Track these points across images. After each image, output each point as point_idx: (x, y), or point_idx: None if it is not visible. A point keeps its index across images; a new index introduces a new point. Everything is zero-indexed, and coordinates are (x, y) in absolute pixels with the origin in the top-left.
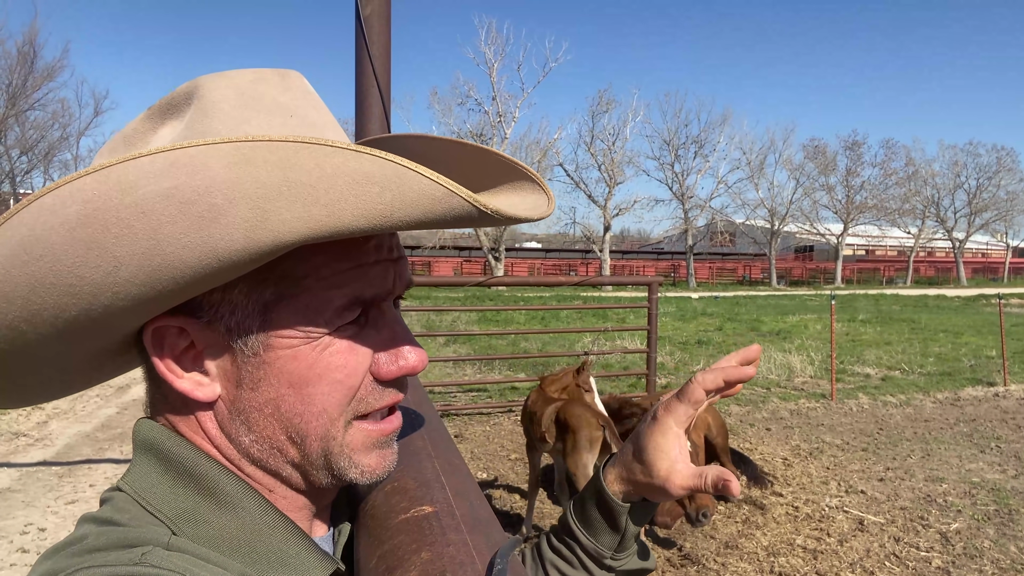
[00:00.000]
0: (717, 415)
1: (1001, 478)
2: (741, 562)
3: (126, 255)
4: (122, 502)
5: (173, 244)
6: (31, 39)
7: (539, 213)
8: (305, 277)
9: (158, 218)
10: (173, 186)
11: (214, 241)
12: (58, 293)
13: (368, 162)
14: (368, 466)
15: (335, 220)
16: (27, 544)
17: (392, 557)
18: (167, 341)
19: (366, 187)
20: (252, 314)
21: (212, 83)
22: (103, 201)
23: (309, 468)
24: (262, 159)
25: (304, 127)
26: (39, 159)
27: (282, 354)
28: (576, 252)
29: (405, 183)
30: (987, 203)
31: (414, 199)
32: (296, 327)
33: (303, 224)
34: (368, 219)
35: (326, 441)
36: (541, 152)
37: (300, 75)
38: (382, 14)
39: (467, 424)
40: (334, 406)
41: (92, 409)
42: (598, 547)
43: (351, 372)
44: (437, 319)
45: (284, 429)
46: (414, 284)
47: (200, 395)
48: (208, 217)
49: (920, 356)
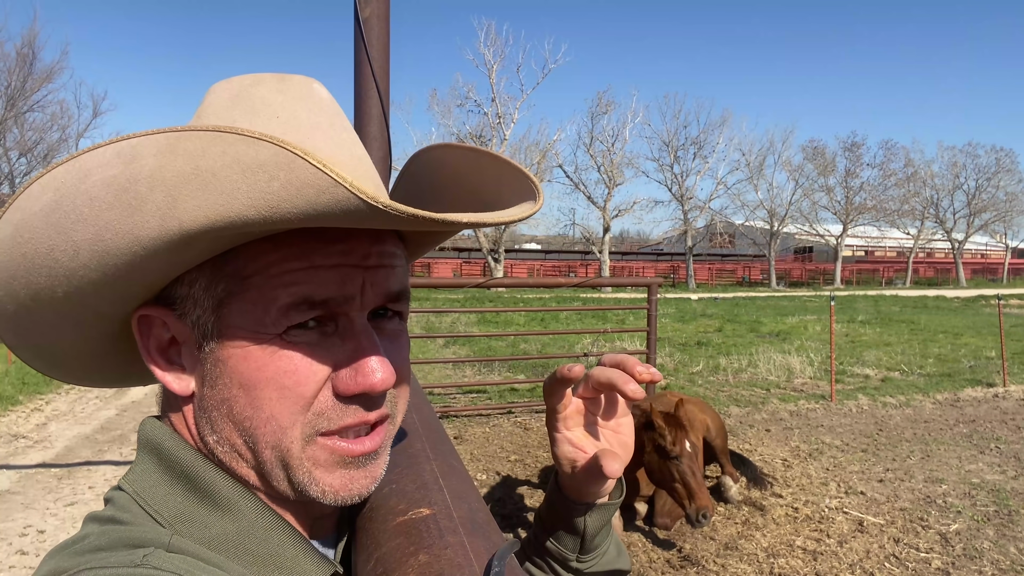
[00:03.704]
0: (716, 416)
1: (1001, 479)
2: (741, 563)
3: (81, 240)
4: (123, 501)
5: (110, 230)
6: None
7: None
8: (254, 275)
9: (100, 205)
10: (114, 175)
11: (137, 229)
12: (45, 274)
13: (264, 149)
14: (330, 486)
15: (227, 209)
16: (26, 546)
17: (389, 560)
18: (153, 332)
19: (257, 175)
20: (208, 310)
21: (218, 87)
22: (67, 188)
23: (269, 477)
24: (183, 148)
25: (286, 128)
26: (38, 161)
27: (234, 353)
28: (576, 253)
29: (293, 171)
30: (986, 204)
31: (299, 188)
32: (245, 327)
33: (202, 213)
34: (257, 209)
35: (280, 451)
36: (540, 154)
37: (308, 79)
38: (381, 16)
39: (466, 426)
40: (283, 413)
41: (91, 411)
42: (561, 550)
43: (301, 380)
44: (436, 320)
45: (238, 432)
46: (409, 296)
47: (176, 388)
48: (134, 205)
49: (920, 357)
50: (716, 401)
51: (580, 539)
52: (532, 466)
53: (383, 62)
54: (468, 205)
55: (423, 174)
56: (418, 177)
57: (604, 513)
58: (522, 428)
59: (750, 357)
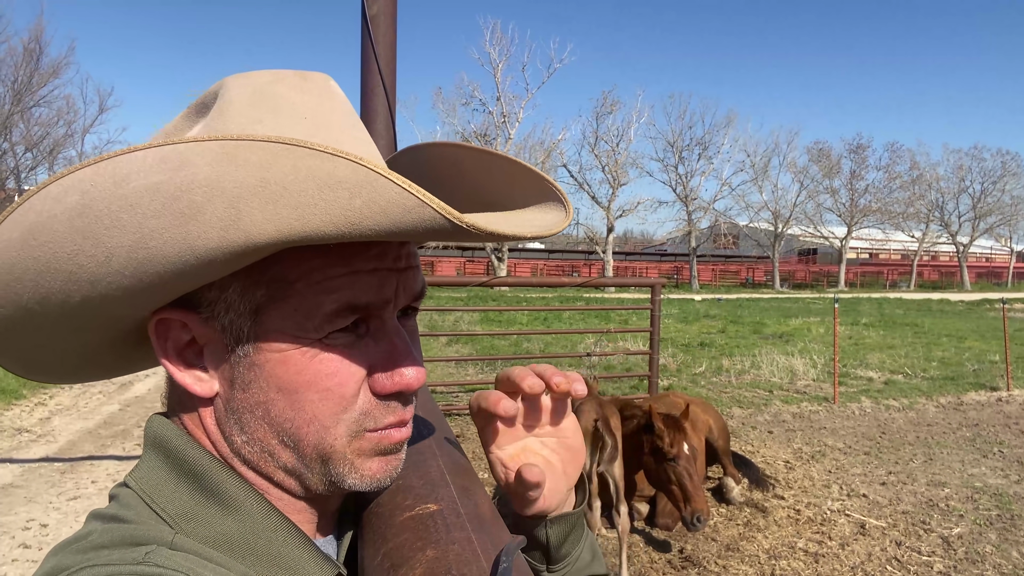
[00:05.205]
0: (719, 417)
1: (1004, 483)
2: (742, 565)
3: (116, 246)
4: (128, 498)
5: (156, 238)
6: (37, 36)
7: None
8: (296, 281)
9: (143, 212)
10: (159, 181)
11: (192, 238)
12: (62, 279)
13: (341, 166)
14: (369, 470)
15: (303, 224)
16: (29, 540)
17: (397, 554)
18: (171, 334)
19: (337, 192)
20: (244, 315)
21: (233, 83)
22: (98, 192)
23: (304, 473)
24: (243, 159)
25: (316, 130)
26: (44, 156)
27: (272, 357)
28: (579, 253)
29: (376, 190)
30: (991, 208)
31: (384, 207)
32: (285, 331)
33: (273, 226)
34: (336, 225)
35: (322, 448)
36: (545, 153)
37: (325, 76)
38: (388, 13)
39: (469, 424)
40: (325, 415)
41: (95, 406)
42: (533, 563)
43: (341, 381)
44: (440, 319)
45: (275, 433)
46: (426, 295)
47: (198, 390)
48: (188, 214)
49: (923, 360)
50: (719, 402)
51: (545, 551)
52: None
53: (390, 59)
54: (484, 209)
55: (427, 172)
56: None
57: (565, 523)
58: None
59: (753, 358)
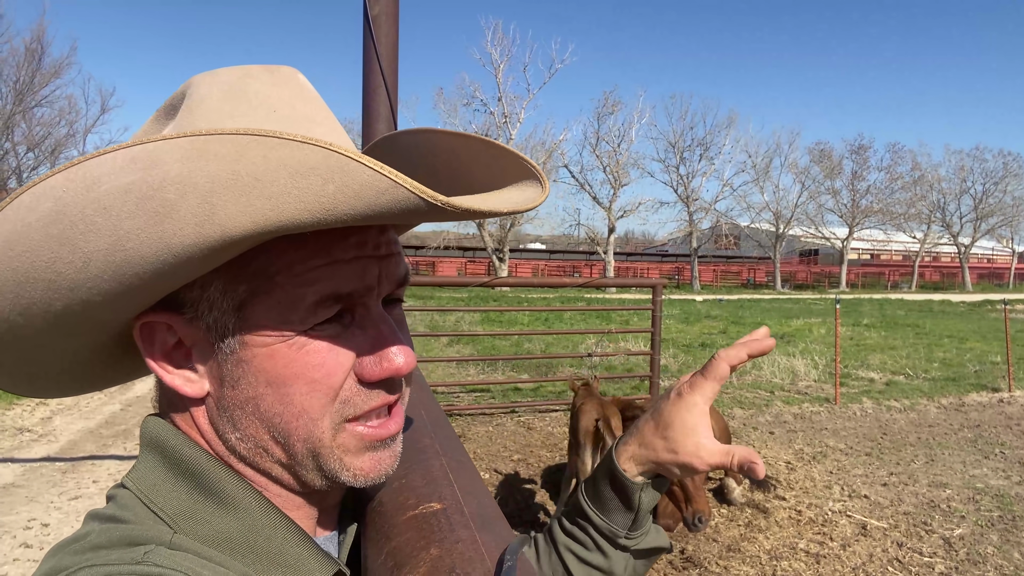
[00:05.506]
0: (720, 417)
1: (1005, 484)
2: (743, 565)
3: (93, 250)
4: (126, 499)
5: (132, 239)
6: (39, 36)
7: (509, 207)
8: (277, 274)
9: (118, 213)
10: (131, 181)
11: (168, 236)
12: (42, 288)
13: (312, 153)
14: (360, 469)
15: (278, 214)
16: (30, 539)
17: (401, 553)
18: (157, 337)
19: (309, 179)
20: (228, 312)
21: (201, 81)
22: (71, 197)
23: (298, 469)
24: (213, 152)
25: (288, 122)
26: (46, 156)
27: (258, 352)
28: (580, 254)
29: (349, 174)
30: (993, 208)
31: (357, 191)
32: (270, 325)
33: (248, 218)
34: (311, 212)
35: (311, 443)
36: (546, 153)
37: (292, 70)
38: (390, 13)
39: (470, 424)
40: (314, 407)
41: (96, 405)
42: (612, 526)
43: (329, 372)
44: (441, 319)
45: (267, 428)
46: (411, 282)
47: (188, 391)
48: (162, 212)
49: (925, 361)
50: (720, 403)
51: (633, 515)
52: (535, 465)
53: (391, 59)
54: (462, 191)
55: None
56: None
57: (655, 492)
58: (525, 427)
59: (754, 359)
